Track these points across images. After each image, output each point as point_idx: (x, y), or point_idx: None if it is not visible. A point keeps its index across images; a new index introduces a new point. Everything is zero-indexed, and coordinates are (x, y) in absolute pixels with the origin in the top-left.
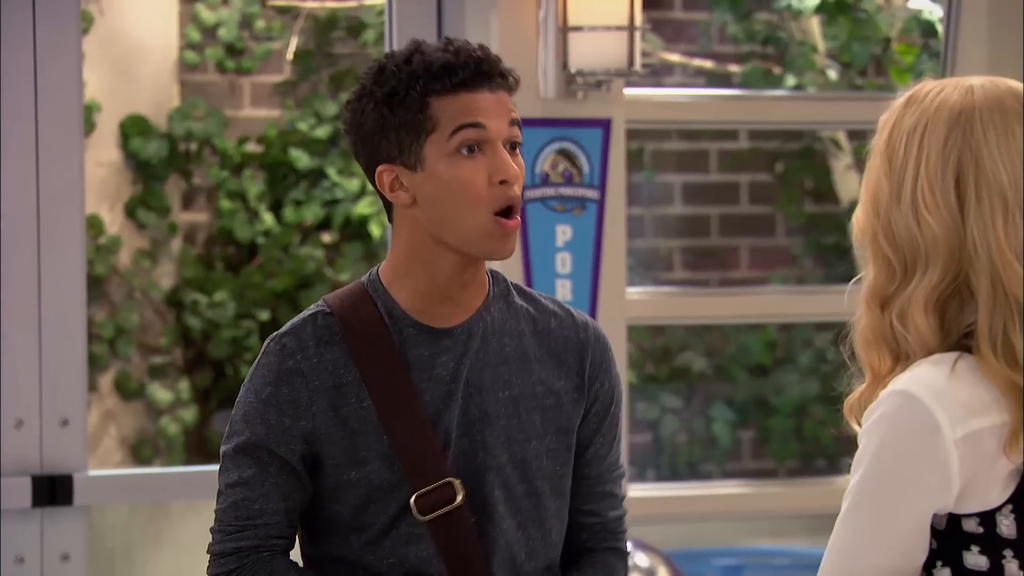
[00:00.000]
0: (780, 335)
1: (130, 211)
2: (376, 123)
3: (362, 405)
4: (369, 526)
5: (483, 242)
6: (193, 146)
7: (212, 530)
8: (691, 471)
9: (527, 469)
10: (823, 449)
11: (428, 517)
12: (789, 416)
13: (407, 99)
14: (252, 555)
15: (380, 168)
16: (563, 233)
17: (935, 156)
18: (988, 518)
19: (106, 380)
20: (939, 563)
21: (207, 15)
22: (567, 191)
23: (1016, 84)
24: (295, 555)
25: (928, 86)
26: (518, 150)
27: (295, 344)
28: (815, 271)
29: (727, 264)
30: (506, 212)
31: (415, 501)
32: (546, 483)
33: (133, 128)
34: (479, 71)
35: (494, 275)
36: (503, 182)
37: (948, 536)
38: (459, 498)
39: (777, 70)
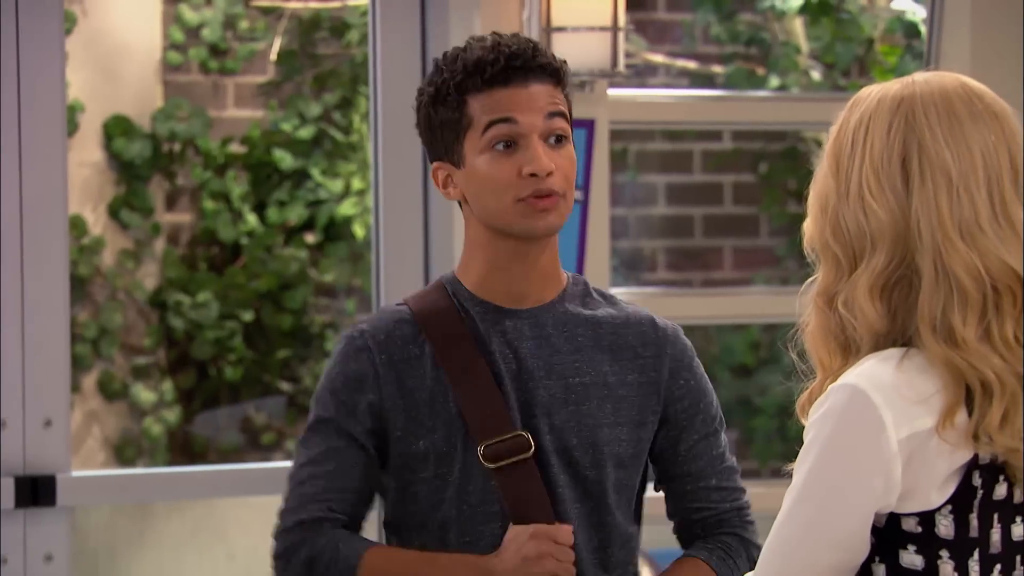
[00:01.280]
0: (764, 335)
1: (113, 212)
2: (426, 122)
3: (429, 376)
4: (440, 502)
5: (516, 222)
6: (176, 146)
7: (278, 514)
8: None
9: (598, 455)
10: None
11: (497, 464)
12: (773, 416)
13: (448, 98)
14: (314, 525)
15: (434, 166)
16: None
17: (879, 143)
18: (927, 518)
19: (89, 381)
20: (876, 559)
21: (190, 15)
22: None
23: (961, 75)
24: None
25: (870, 87)
26: (565, 142)
27: (367, 327)
28: (798, 272)
29: (710, 265)
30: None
31: (483, 450)
32: (616, 471)
33: (116, 128)
34: (509, 66)
35: (577, 277)
36: (532, 175)
37: (887, 534)
38: (532, 450)
39: (760, 71)
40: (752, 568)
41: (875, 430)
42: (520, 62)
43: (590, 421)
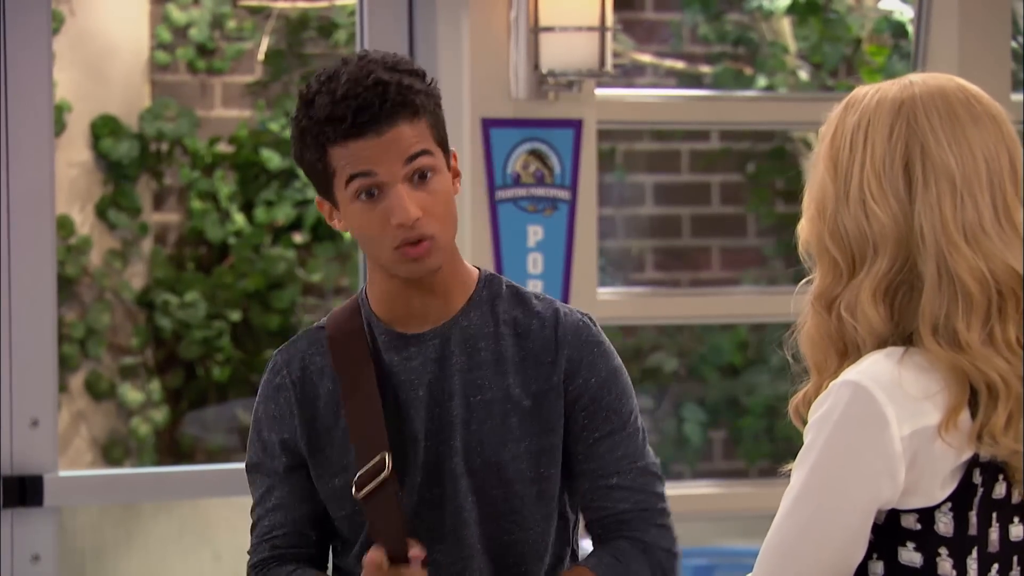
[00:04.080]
0: (751, 335)
1: (101, 211)
2: (298, 157)
3: (339, 414)
4: (357, 537)
5: (397, 268)
6: (164, 146)
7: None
8: (662, 471)
9: (503, 473)
10: (794, 449)
11: (362, 493)
12: (760, 416)
13: (311, 144)
14: (263, 568)
15: (317, 199)
16: (534, 234)
17: (880, 147)
18: (927, 515)
19: (76, 381)
20: (874, 556)
21: (178, 15)
22: (538, 191)
23: (954, 76)
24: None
25: (864, 88)
26: (431, 176)
27: (284, 360)
28: (786, 272)
29: (698, 264)
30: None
31: (356, 481)
32: (527, 486)
33: (104, 128)
34: (357, 121)
35: (490, 278)
36: (399, 225)
37: (886, 531)
38: (387, 470)
39: (748, 71)
40: (654, 572)
41: (879, 427)
42: (368, 116)
43: (494, 439)
